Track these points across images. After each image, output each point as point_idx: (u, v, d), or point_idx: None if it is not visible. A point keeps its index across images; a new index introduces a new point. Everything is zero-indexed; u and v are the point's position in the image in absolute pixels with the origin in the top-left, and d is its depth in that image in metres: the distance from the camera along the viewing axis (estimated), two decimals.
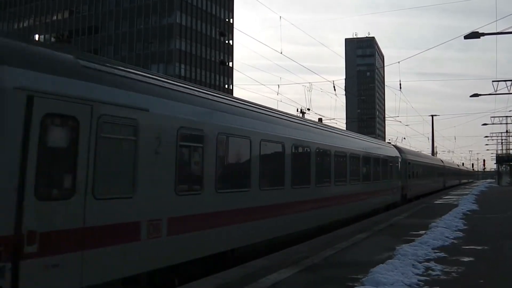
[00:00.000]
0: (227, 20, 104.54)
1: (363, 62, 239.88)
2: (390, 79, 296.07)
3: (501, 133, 77.10)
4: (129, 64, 10.61)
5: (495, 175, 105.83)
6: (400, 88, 48.50)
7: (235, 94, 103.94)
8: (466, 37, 23.39)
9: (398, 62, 48.47)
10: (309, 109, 40.74)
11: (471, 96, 35.75)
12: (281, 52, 35.18)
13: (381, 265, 9.13)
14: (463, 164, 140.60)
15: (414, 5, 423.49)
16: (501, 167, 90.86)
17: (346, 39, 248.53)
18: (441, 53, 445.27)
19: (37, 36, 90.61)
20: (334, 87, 40.54)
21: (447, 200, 33.81)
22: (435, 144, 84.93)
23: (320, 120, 35.81)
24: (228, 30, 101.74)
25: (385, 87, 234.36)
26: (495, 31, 25.18)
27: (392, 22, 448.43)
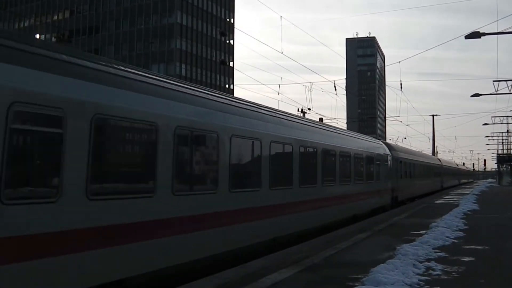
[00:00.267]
0: (228, 20, 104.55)
1: (364, 62, 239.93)
2: (391, 79, 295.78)
3: (502, 133, 77.29)
4: (129, 64, 10.57)
5: (496, 175, 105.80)
6: (401, 88, 48.55)
7: (236, 94, 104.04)
8: (467, 37, 23.39)
9: (399, 62, 48.52)
10: (310, 109, 40.76)
11: (472, 96, 35.80)
12: (282, 52, 35.20)
13: (382, 265, 9.11)
14: (464, 164, 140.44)
15: (415, 5, 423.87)
16: (502, 167, 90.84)
17: (347, 39, 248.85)
18: (442, 53, 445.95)
19: (38, 36, 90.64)
20: (335, 87, 40.58)
21: (448, 200, 33.77)
22: (436, 144, 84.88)
23: (321, 120, 35.76)
24: (229, 30, 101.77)
25: (386, 87, 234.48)
26: (496, 31, 25.17)
27: (393, 22, 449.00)
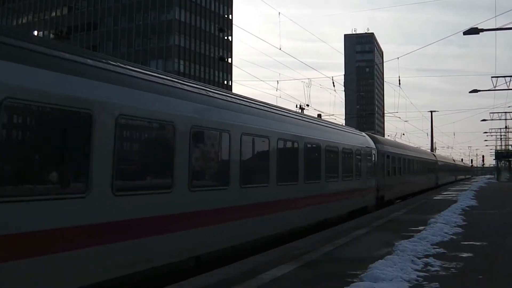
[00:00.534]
0: (226, 16, 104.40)
1: (362, 58, 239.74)
2: (389, 75, 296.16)
3: (500, 129, 77.12)
4: (128, 61, 10.56)
5: (494, 171, 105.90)
6: (400, 84, 48.63)
7: (234, 90, 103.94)
8: (466, 33, 23.40)
9: (397, 58, 48.71)
10: (308, 105, 40.76)
11: (470, 92, 35.74)
12: (280, 48, 35.26)
13: (380, 261, 9.13)
14: (462, 160, 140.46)
15: (414, 1, 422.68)
16: (500, 163, 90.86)
17: (345, 35, 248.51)
18: (441, 49, 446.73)
19: (36, 32, 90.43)
20: (333, 83, 40.62)
21: (446, 196, 33.82)
22: (435, 140, 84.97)
23: (320, 116, 35.77)
24: (227, 26, 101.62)
25: (384, 83, 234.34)
26: (495, 27, 25.11)
27: (391, 18, 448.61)
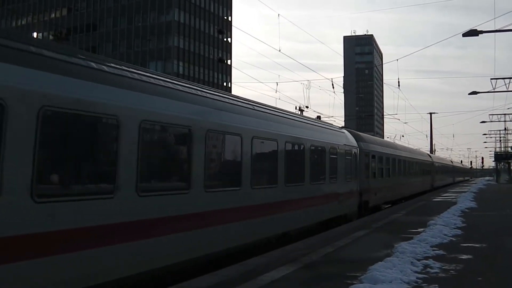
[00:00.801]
0: (226, 18, 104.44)
1: (362, 60, 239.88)
2: (389, 77, 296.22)
3: (500, 131, 77.13)
4: (127, 62, 10.61)
5: (494, 173, 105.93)
6: (399, 86, 48.73)
7: (234, 92, 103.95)
8: (465, 35, 23.42)
9: (397, 60, 48.64)
10: (308, 107, 40.80)
11: (470, 94, 35.70)
12: (280, 50, 35.25)
13: (380, 263, 9.12)
14: (461, 162, 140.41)
15: (413, 3, 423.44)
16: (499, 165, 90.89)
17: (345, 37, 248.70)
18: (440, 51, 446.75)
19: (35, 34, 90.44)
20: (333, 85, 40.71)
21: (446, 198, 33.82)
22: (434, 142, 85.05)
23: (319, 118, 35.75)
24: (227, 28, 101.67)
25: (384, 85, 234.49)
26: (494, 29, 25.15)
27: (390, 19, 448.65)
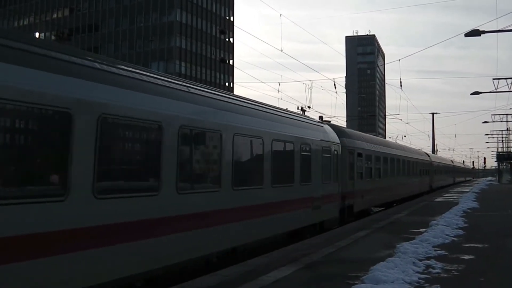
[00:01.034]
0: (228, 18, 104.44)
1: (364, 60, 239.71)
2: (391, 77, 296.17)
3: (502, 131, 77.07)
4: (129, 63, 10.58)
5: (496, 173, 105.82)
6: (401, 86, 48.60)
7: (236, 92, 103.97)
8: (467, 35, 23.37)
9: (399, 60, 48.51)
10: (310, 107, 40.73)
11: (472, 94, 35.65)
12: (282, 50, 35.22)
13: (382, 263, 9.11)
14: (464, 162, 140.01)
15: (415, 3, 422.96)
16: (502, 165, 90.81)
17: (347, 37, 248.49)
18: (442, 51, 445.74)
19: (37, 34, 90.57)
20: (335, 85, 40.54)
21: (448, 198, 33.78)
22: (436, 142, 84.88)
23: (321, 118, 35.61)
24: (229, 28, 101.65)
25: (386, 85, 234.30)
26: (496, 29, 25.12)
27: (392, 20, 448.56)
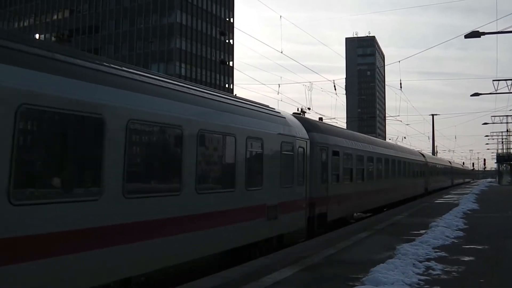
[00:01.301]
0: (228, 19, 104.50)
1: (364, 61, 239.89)
2: (391, 78, 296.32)
3: (502, 133, 77.34)
4: (129, 64, 10.62)
5: (496, 175, 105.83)
6: (401, 87, 48.61)
7: (236, 94, 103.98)
8: (467, 36, 23.38)
9: (399, 62, 48.45)
10: (310, 109, 40.74)
11: (472, 95, 35.75)
12: (282, 52, 35.22)
13: (382, 265, 9.13)
14: (464, 164, 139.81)
15: (414, 4, 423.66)
16: (502, 166, 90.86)
17: (347, 38, 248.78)
18: (442, 52, 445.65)
19: (38, 36, 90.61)
20: (335, 87, 40.51)
21: (448, 200, 33.79)
22: (436, 144, 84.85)
23: (321, 119, 35.60)
24: (229, 30, 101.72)
25: (386, 86, 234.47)
26: (496, 30, 25.12)
27: (392, 21, 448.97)
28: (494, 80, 33.22)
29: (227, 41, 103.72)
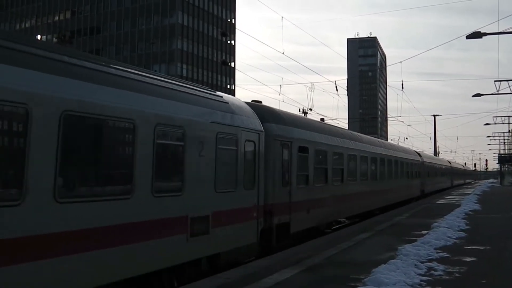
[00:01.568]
0: (229, 20, 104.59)
1: (365, 62, 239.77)
2: (392, 79, 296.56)
3: (503, 133, 77.14)
4: (131, 65, 10.69)
5: (498, 175, 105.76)
6: (402, 88, 48.61)
7: (238, 95, 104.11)
8: (468, 37, 23.36)
9: (400, 62, 48.50)
10: (311, 109, 40.74)
11: (473, 96, 35.81)
12: (283, 52, 35.27)
13: (383, 265, 9.11)
14: (465, 164, 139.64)
15: (415, 5, 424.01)
16: (504, 167, 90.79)
17: (348, 39, 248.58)
18: (443, 53, 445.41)
19: (39, 37, 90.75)
20: (336, 87, 40.55)
21: (449, 200, 33.75)
22: (438, 144, 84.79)
23: (322, 120, 35.55)
24: (230, 30, 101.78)
25: (387, 87, 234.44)
26: (497, 31, 25.13)
27: (393, 22, 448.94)
28: (496, 81, 33.17)
29: (229, 42, 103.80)
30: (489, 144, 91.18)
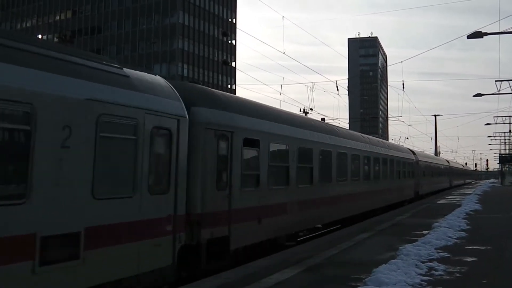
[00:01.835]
0: (230, 20, 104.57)
1: (366, 62, 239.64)
2: (393, 79, 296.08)
3: (504, 133, 76.94)
4: (132, 64, 10.79)
5: (498, 175, 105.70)
6: (403, 88, 48.62)
7: (238, 94, 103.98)
8: (469, 37, 23.33)
9: (401, 62, 48.51)
10: (312, 109, 40.72)
11: (474, 96, 35.75)
12: (284, 52, 35.26)
13: (384, 265, 9.11)
14: (466, 164, 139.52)
15: (416, 5, 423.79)
16: (504, 167, 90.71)
17: (349, 39, 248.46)
18: (444, 53, 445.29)
19: (40, 36, 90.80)
20: (337, 87, 40.56)
21: (450, 200, 33.73)
22: (439, 144, 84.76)
23: (323, 120, 35.52)
24: (231, 30, 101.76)
25: (388, 87, 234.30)
26: (498, 31, 25.09)
27: (394, 22, 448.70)
28: (497, 81, 33.14)
29: (230, 42, 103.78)
30: (490, 144, 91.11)
